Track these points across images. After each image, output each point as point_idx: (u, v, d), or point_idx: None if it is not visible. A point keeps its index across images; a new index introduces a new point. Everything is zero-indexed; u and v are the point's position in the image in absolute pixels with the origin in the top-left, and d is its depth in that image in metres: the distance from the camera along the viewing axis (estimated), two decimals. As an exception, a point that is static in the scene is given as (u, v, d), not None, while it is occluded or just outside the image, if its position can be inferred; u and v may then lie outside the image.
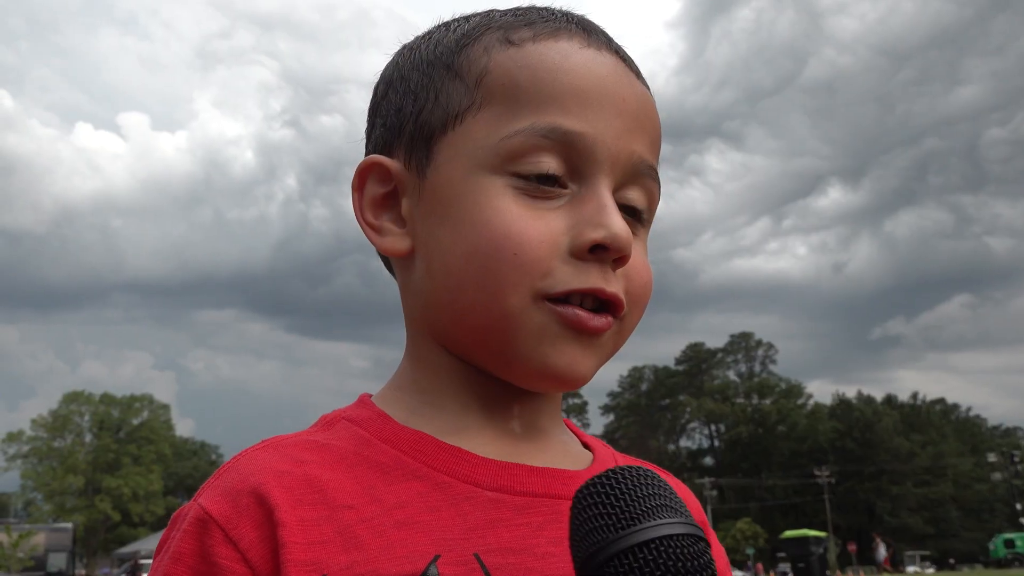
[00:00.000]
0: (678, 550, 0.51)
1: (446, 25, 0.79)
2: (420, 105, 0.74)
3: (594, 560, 0.53)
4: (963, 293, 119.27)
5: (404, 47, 0.81)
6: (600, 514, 0.54)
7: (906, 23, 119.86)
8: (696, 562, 0.51)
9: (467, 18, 0.78)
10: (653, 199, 0.77)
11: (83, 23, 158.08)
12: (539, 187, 0.69)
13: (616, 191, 0.72)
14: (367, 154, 0.80)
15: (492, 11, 0.77)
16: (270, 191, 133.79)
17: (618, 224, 0.68)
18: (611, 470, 0.56)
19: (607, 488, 0.55)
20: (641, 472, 0.56)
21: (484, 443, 0.72)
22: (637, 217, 0.75)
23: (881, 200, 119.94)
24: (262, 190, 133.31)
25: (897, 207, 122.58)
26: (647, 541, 0.51)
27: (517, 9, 0.77)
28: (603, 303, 0.70)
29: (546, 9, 0.76)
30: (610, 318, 0.71)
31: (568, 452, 0.77)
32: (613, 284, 0.70)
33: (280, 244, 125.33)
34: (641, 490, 0.54)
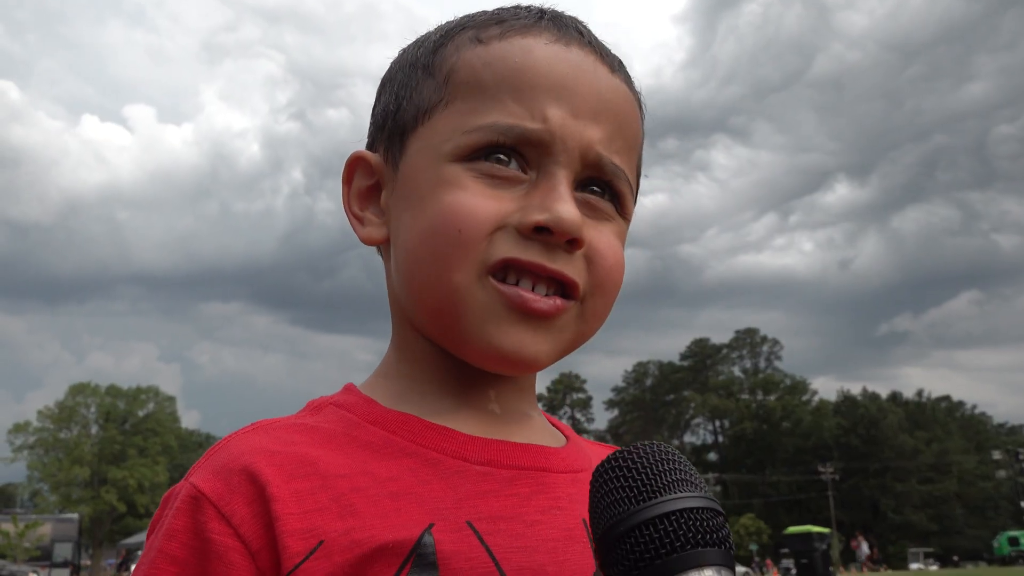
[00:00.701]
0: (697, 523, 0.52)
1: (436, 27, 0.82)
2: (399, 103, 0.79)
3: (614, 531, 0.54)
4: (971, 290, 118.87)
5: (401, 50, 0.85)
6: (621, 487, 0.55)
7: (915, 18, 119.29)
8: (715, 535, 0.52)
9: (453, 20, 0.81)
10: (622, 195, 0.77)
11: (90, 15, 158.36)
12: (495, 167, 0.72)
13: (579, 183, 0.74)
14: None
15: (477, 13, 0.80)
16: (276, 184, 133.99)
17: (565, 209, 0.70)
18: (632, 445, 0.58)
19: (628, 462, 0.56)
20: (661, 447, 0.57)
21: (467, 424, 0.75)
22: (604, 207, 0.76)
23: (888, 196, 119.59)
24: (268, 183, 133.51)
25: (904, 203, 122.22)
26: (667, 513, 0.52)
27: (499, 8, 0.79)
28: (560, 286, 0.72)
29: (524, 8, 0.79)
30: (559, 300, 0.72)
31: (546, 431, 0.82)
32: (560, 263, 0.71)
33: (286, 237, 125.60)
34: (661, 465, 0.55)
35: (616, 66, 0.78)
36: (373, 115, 0.84)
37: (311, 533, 0.63)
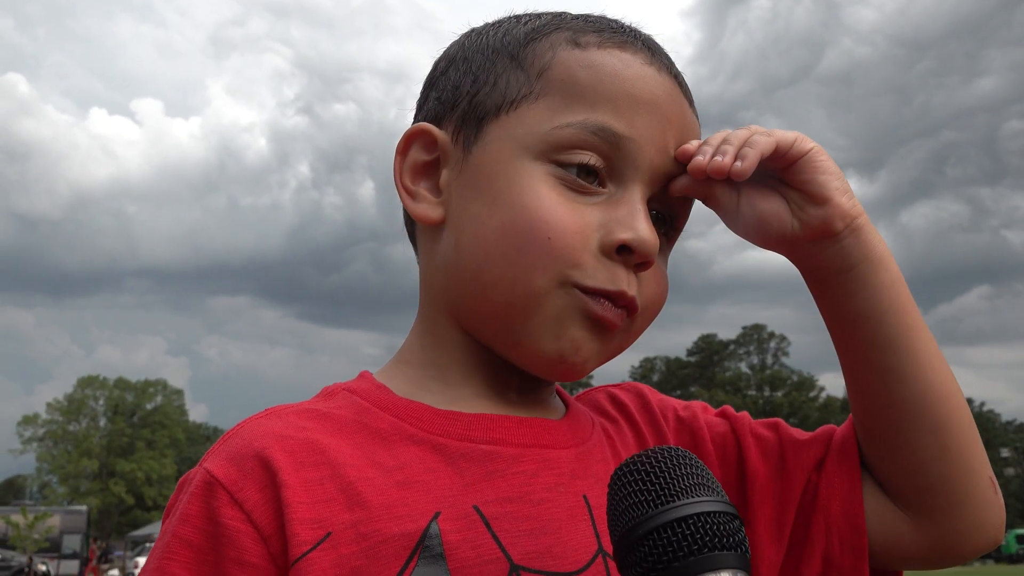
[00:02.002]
0: (714, 526, 0.53)
1: (517, 18, 0.82)
2: (479, 87, 0.77)
3: (633, 534, 0.54)
4: (981, 285, 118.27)
5: (472, 31, 0.84)
6: (640, 490, 0.56)
7: (925, 13, 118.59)
8: (731, 539, 0.53)
9: (539, 15, 0.81)
10: (681, 218, 0.81)
11: (99, 9, 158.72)
12: (578, 181, 0.73)
13: (650, 202, 0.76)
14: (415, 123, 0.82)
15: (564, 13, 0.81)
16: (283, 178, 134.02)
17: (646, 229, 0.72)
18: (651, 449, 0.59)
19: (647, 466, 0.57)
20: (679, 452, 0.58)
21: (479, 409, 0.76)
22: (663, 231, 0.80)
23: (898, 192, 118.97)
24: (275, 177, 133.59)
25: (914, 199, 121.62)
26: (684, 517, 0.53)
27: (589, 16, 0.80)
28: (621, 305, 0.74)
29: (616, 21, 0.80)
30: (624, 314, 0.74)
31: (550, 405, 0.83)
32: (634, 288, 0.74)
33: (293, 231, 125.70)
34: (680, 469, 0.56)
35: (692, 101, 0.81)
36: (437, 89, 0.82)
37: (319, 524, 0.64)
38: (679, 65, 0.79)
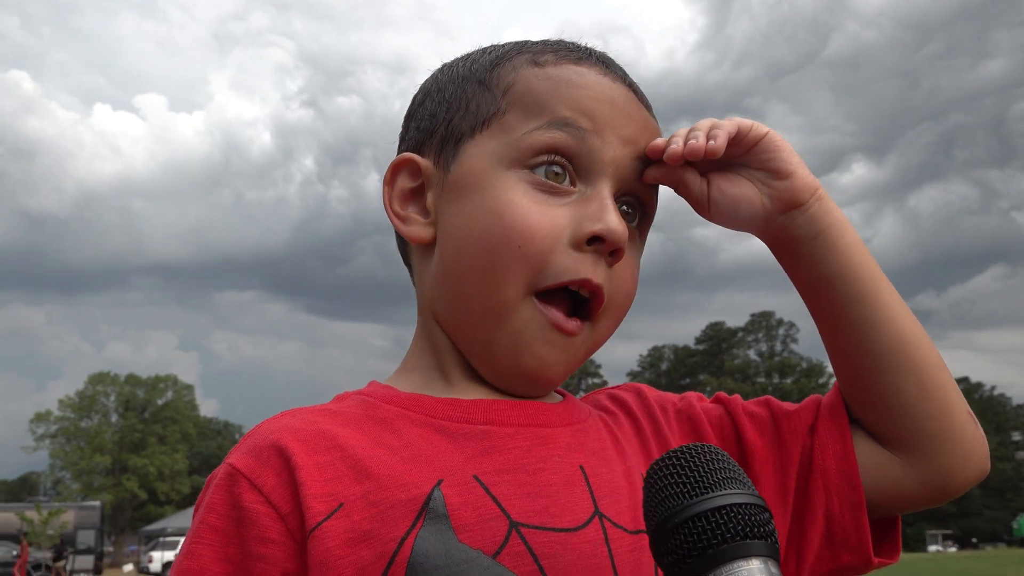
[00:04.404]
0: (745, 517, 0.57)
1: (483, 49, 0.89)
2: (452, 113, 0.85)
3: (669, 523, 0.58)
4: (996, 264, 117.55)
5: (444, 65, 0.91)
6: (676, 483, 0.60)
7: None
8: (762, 529, 0.57)
9: (502, 45, 0.89)
10: (649, 217, 0.87)
11: (101, 6, 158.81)
12: (548, 183, 0.79)
13: (618, 197, 0.82)
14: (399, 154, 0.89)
15: (526, 40, 0.88)
16: (288, 172, 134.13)
17: (615, 220, 0.77)
18: (685, 446, 0.63)
19: (682, 460, 0.61)
20: (712, 449, 0.62)
21: (477, 397, 0.82)
22: (634, 224, 0.84)
23: (906, 176, 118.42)
24: (280, 172, 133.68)
25: (922, 182, 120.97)
26: (718, 508, 0.57)
27: (548, 40, 0.88)
28: (581, 304, 0.80)
29: (573, 43, 0.87)
30: (580, 323, 0.80)
31: (547, 397, 0.87)
32: (601, 276, 0.79)
33: (299, 225, 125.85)
34: (713, 464, 0.60)
35: (650, 107, 0.87)
36: (416, 120, 0.89)
37: (332, 497, 0.71)
38: (684, 52, 0.92)
